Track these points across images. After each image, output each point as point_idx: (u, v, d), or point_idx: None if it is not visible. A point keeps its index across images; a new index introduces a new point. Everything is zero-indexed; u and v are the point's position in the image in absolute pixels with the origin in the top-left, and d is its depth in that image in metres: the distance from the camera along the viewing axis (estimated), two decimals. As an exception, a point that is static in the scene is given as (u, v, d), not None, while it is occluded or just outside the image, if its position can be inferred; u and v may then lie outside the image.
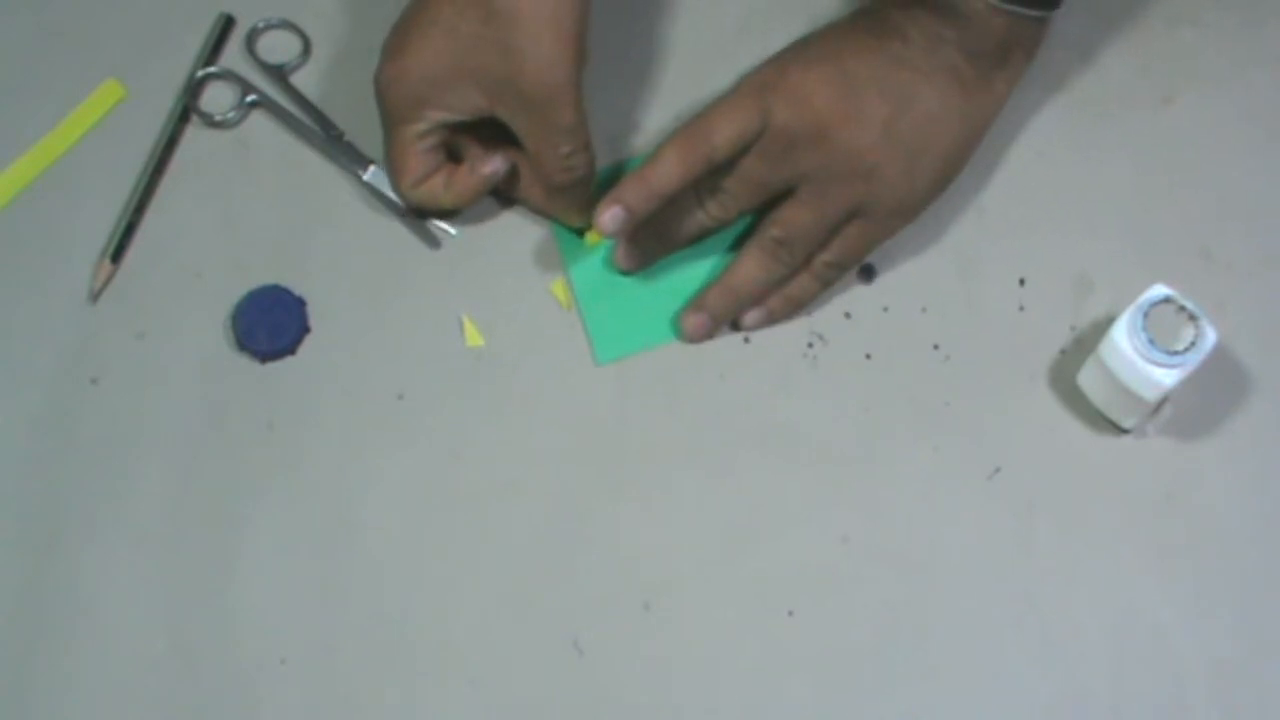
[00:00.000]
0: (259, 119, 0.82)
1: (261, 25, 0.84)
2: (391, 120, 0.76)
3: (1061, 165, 0.80)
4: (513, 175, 0.77)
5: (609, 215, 0.72)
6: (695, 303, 0.77)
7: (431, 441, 0.75)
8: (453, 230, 0.80)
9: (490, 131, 0.76)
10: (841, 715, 0.71)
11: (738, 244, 0.78)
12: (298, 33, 0.84)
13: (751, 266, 0.75)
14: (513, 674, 0.71)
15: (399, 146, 0.76)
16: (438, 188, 0.77)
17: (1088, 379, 0.74)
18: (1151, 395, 0.71)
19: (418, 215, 0.79)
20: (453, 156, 0.78)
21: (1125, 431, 0.75)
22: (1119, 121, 0.80)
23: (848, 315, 0.78)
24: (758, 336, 0.77)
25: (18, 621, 0.73)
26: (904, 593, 0.72)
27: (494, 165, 0.76)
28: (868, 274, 0.78)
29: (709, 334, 0.77)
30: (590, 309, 0.78)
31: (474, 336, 0.77)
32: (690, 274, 0.78)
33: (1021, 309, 0.78)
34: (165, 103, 0.82)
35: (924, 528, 0.73)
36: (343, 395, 0.76)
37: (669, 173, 0.72)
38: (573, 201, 0.77)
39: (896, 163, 0.73)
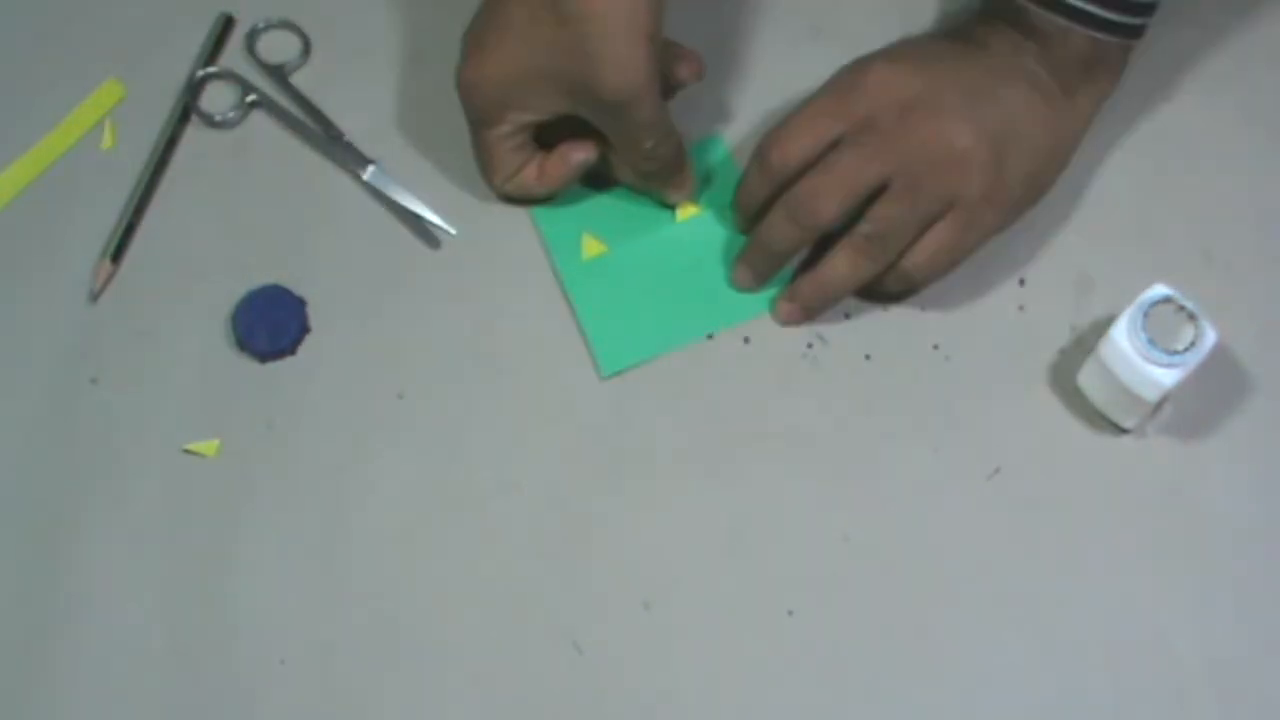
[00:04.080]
0: (259, 119, 0.82)
1: (261, 25, 0.84)
2: (476, 123, 0.76)
3: (1061, 165, 0.80)
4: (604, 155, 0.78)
5: (740, 275, 0.77)
6: (789, 292, 0.77)
7: (431, 441, 0.75)
8: (453, 230, 0.80)
9: (578, 120, 0.76)
10: (841, 715, 0.71)
11: (729, 249, 0.78)
12: (298, 33, 0.84)
13: (843, 263, 0.75)
14: (513, 674, 0.71)
15: (486, 147, 0.76)
16: (530, 180, 0.77)
17: (1088, 379, 0.74)
18: (1151, 395, 0.71)
19: (509, 202, 0.79)
20: (542, 144, 0.78)
21: (1125, 431, 0.75)
22: (1119, 121, 0.80)
23: (847, 315, 0.78)
24: (758, 336, 0.77)
25: (18, 621, 0.73)
26: (904, 593, 0.72)
27: (585, 152, 0.77)
28: (868, 274, 0.78)
29: (802, 323, 0.77)
30: (591, 323, 0.77)
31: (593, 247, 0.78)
32: (689, 281, 0.78)
33: (1021, 309, 0.78)
34: (165, 103, 0.82)
35: (924, 528, 0.73)
36: (343, 395, 0.76)
37: (785, 236, 0.75)
38: (665, 184, 0.78)
39: (983, 150, 0.73)
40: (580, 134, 0.76)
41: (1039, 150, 0.75)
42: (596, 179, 0.80)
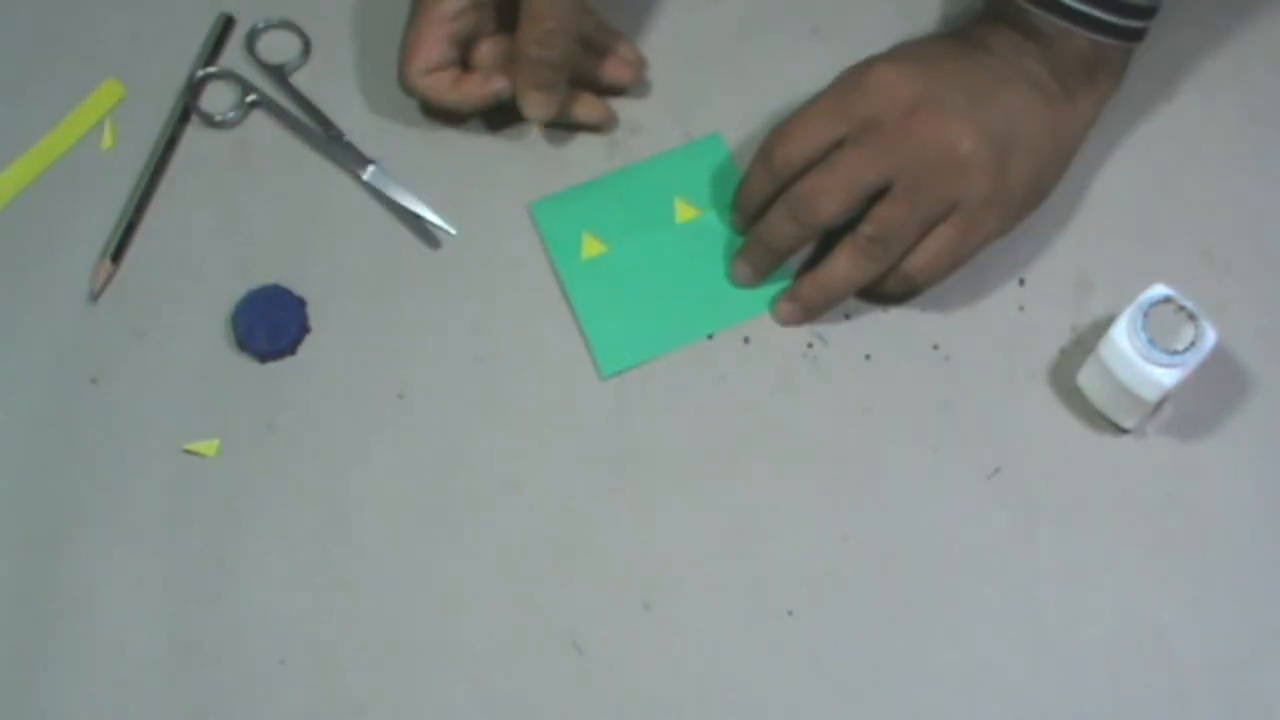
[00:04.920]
0: (259, 119, 0.82)
1: (261, 25, 0.84)
2: (417, 2, 0.77)
3: (1061, 165, 0.80)
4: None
5: (740, 271, 0.77)
6: (789, 293, 0.77)
7: (431, 441, 0.75)
8: (453, 230, 0.80)
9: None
10: (841, 715, 0.71)
11: (729, 250, 0.78)
12: (298, 33, 0.84)
13: (844, 264, 0.75)
14: (513, 674, 0.71)
15: (420, 28, 0.77)
16: (443, 85, 0.78)
17: (1088, 379, 0.74)
18: (1151, 395, 0.71)
19: (422, 109, 0.80)
20: (465, 67, 0.79)
21: (1125, 431, 0.75)
22: (1119, 121, 0.80)
23: (847, 315, 0.78)
24: (758, 337, 0.77)
25: (18, 621, 0.73)
26: (904, 593, 0.72)
27: (503, 82, 0.78)
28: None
29: (803, 323, 0.77)
30: (591, 323, 0.77)
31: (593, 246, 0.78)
32: (689, 281, 0.78)
33: (1021, 309, 0.78)
34: (165, 103, 0.82)
35: (924, 528, 0.73)
36: (343, 395, 0.76)
37: (786, 234, 0.75)
38: (531, 85, 0.77)
39: (986, 151, 0.73)
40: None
41: (1041, 152, 0.75)
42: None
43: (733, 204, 0.78)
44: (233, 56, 0.84)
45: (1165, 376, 0.70)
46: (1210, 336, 0.70)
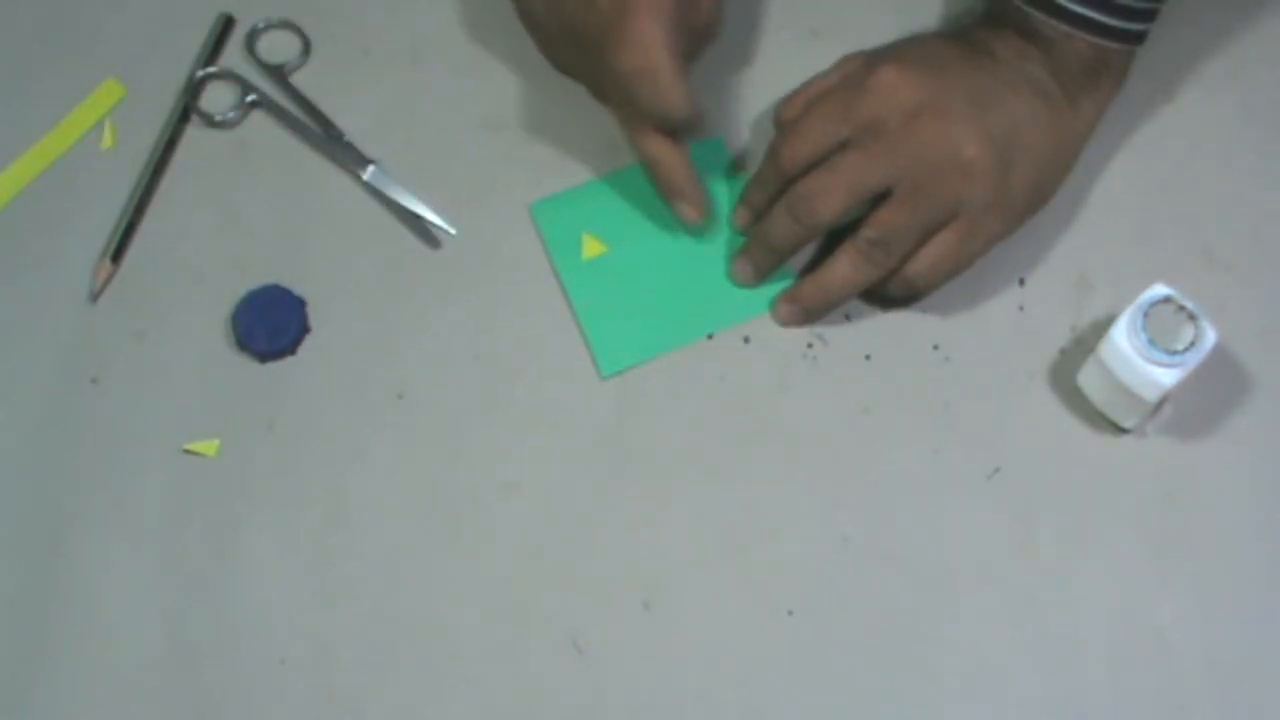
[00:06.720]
0: (259, 119, 0.82)
1: (261, 25, 0.84)
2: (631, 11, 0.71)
3: (1061, 165, 0.80)
4: None
5: (740, 270, 0.77)
6: (790, 294, 0.77)
7: (431, 441, 0.75)
8: (453, 230, 0.80)
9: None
10: (841, 715, 0.71)
11: (730, 250, 0.78)
12: (298, 33, 0.84)
13: (845, 266, 0.75)
14: (513, 674, 0.71)
15: (648, 23, 0.71)
16: (686, 89, 0.73)
17: (1088, 379, 0.74)
18: (1151, 395, 0.71)
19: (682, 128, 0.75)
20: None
21: (1125, 431, 0.75)
22: (1119, 121, 0.80)
23: (847, 316, 0.78)
24: (758, 336, 0.77)
25: (18, 621, 0.73)
26: (904, 592, 0.72)
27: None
28: (868, 274, 0.78)
29: (803, 325, 0.77)
30: (591, 323, 0.77)
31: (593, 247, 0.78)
32: (689, 281, 0.78)
33: (1021, 309, 0.78)
34: (165, 103, 0.82)
35: (924, 528, 0.73)
36: (343, 395, 0.76)
37: (786, 233, 0.75)
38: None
39: (989, 156, 0.73)
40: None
41: (1043, 156, 0.75)
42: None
43: (739, 201, 0.78)
44: (233, 56, 0.84)
45: (1165, 376, 0.70)
46: (1210, 336, 0.70)
